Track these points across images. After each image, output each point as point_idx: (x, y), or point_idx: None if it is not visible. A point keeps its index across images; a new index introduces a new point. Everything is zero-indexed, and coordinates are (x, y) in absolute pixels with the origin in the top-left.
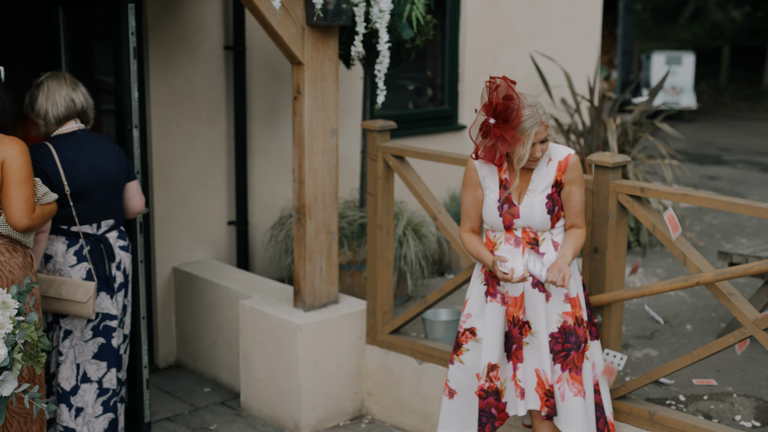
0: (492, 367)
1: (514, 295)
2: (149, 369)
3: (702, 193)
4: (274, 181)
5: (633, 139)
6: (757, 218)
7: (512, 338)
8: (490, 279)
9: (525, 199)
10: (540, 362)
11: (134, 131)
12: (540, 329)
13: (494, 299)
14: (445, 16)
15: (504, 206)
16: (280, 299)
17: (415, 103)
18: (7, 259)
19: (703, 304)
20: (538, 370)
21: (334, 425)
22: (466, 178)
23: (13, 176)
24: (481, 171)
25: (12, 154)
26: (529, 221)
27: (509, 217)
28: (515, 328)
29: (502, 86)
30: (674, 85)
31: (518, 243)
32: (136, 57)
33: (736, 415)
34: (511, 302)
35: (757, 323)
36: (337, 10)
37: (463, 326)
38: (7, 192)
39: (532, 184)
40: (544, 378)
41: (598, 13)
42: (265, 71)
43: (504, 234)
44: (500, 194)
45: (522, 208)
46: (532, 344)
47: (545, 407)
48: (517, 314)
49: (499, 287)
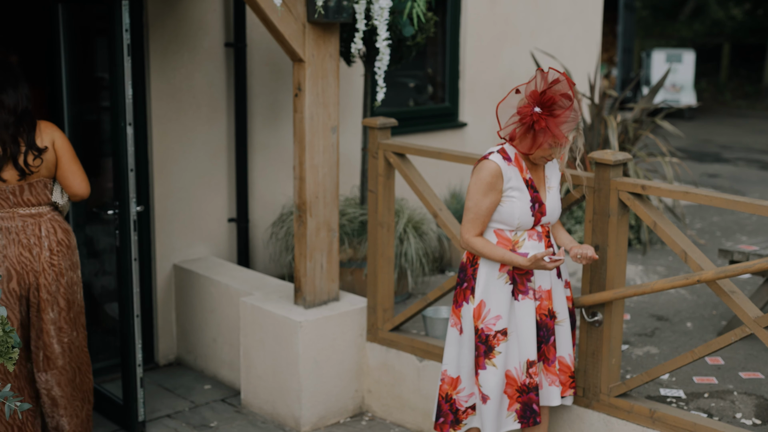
0: (531, 364)
1: (546, 288)
2: (150, 366)
3: (703, 190)
4: (274, 178)
5: (633, 136)
6: (758, 216)
7: (548, 331)
8: (518, 277)
9: (548, 195)
10: (564, 349)
11: (128, 128)
12: (564, 317)
13: (526, 296)
14: (446, 13)
15: (535, 205)
16: (281, 296)
17: (416, 100)
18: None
19: (704, 301)
20: (561, 357)
21: (334, 422)
22: (487, 184)
23: (68, 153)
24: (507, 174)
25: (58, 134)
26: (552, 217)
27: (539, 216)
28: (551, 320)
29: (564, 83)
30: (674, 83)
31: (540, 237)
32: (130, 54)
33: (737, 413)
34: (545, 296)
35: (758, 321)
36: (338, 7)
37: (493, 329)
38: (68, 167)
39: (549, 181)
40: (570, 362)
41: (598, 10)
42: (265, 68)
43: (526, 231)
44: (531, 195)
45: (548, 205)
46: (559, 333)
47: (569, 389)
48: (551, 306)
49: (530, 283)
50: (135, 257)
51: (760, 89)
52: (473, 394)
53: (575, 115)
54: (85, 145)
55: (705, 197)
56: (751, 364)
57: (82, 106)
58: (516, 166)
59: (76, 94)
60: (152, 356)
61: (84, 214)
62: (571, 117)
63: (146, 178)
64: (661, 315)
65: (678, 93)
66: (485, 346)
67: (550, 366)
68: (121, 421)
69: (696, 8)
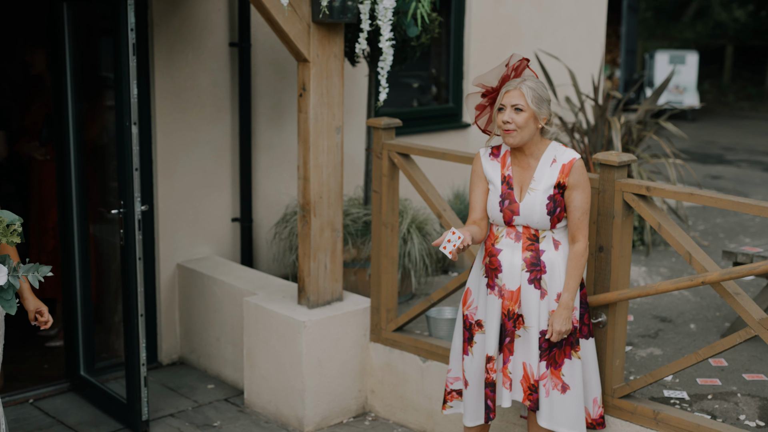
0: (488, 359)
1: (511, 288)
2: (153, 365)
3: (707, 192)
4: (278, 178)
5: (637, 138)
6: (761, 218)
7: (506, 331)
8: (489, 271)
9: (526, 197)
10: (528, 356)
11: (133, 128)
12: (532, 324)
13: (492, 292)
14: (450, 14)
15: (505, 202)
16: (285, 296)
17: (420, 101)
18: None
19: (707, 303)
20: (525, 364)
21: (337, 422)
22: (473, 172)
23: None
24: (485, 166)
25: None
26: (528, 220)
27: (509, 214)
28: (509, 321)
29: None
30: (677, 84)
31: (518, 238)
32: (135, 53)
33: (740, 415)
34: (507, 296)
35: (763, 323)
36: (342, 7)
37: (474, 317)
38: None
39: (534, 183)
40: (530, 372)
41: (602, 11)
42: (270, 68)
43: (505, 228)
44: (502, 190)
45: (522, 206)
46: (523, 338)
47: (528, 400)
48: (513, 307)
49: (497, 280)
50: (139, 256)
51: (763, 91)
52: (459, 379)
53: (515, 78)
54: (89, 144)
55: (710, 199)
56: (754, 365)
57: (87, 104)
58: (500, 162)
59: (81, 93)
60: (156, 355)
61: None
62: (511, 78)
63: (150, 177)
64: (664, 316)
65: (681, 94)
66: (469, 332)
67: (503, 366)
68: (124, 420)
69: (699, 10)
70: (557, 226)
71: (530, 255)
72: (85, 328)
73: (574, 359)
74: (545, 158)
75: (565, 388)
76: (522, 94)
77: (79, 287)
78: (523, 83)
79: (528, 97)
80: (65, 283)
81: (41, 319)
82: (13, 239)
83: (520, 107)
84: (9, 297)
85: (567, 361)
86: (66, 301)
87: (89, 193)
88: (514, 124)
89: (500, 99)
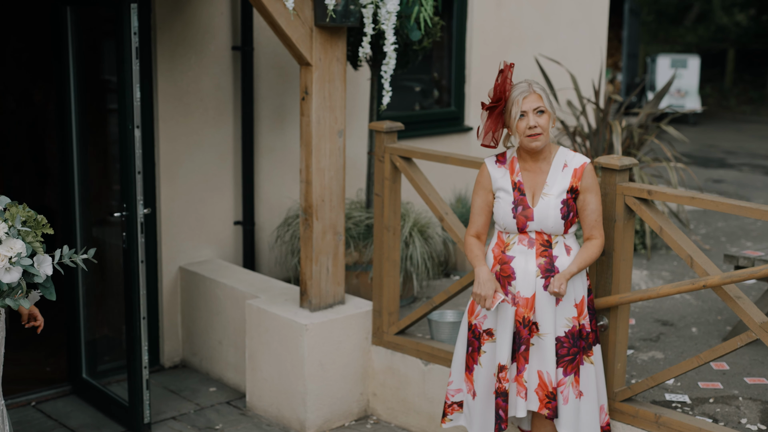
0: (501, 368)
1: (526, 296)
2: (155, 368)
3: (709, 196)
4: (280, 182)
5: (638, 141)
6: (762, 221)
7: (520, 339)
8: (502, 279)
9: (540, 202)
10: (544, 364)
11: (136, 131)
12: (548, 331)
13: (505, 300)
14: (452, 17)
15: (518, 208)
16: (287, 299)
17: (422, 104)
18: None
19: (709, 306)
20: (540, 372)
21: (339, 425)
22: (478, 183)
23: None
24: (494, 175)
25: None
26: (542, 225)
27: (523, 220)
28: (525, 328)
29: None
30: (679, 88)
31: (532, 244)
32: (138, 57)
33: (742, 418)
34: (522, 303)
35: (764, 326)
36: (345, 11)
37: (483, 327)
38: None
39: (547, 188)
40: (548, 380)
41: (604, 15)
42: (272, 72)
43: (518, 235)
44: (515, 197)
45: (536, 211)
46: (538, 345)
47: (545, 408)
48: (528, 315)
49: (510, 287)
50: (142, 259)
51: (764, 95)
52: (461, 391)
53: (522, 82)
54: (92, 147)
55: (711, 202)
56: (756, 369)
57: (90, 108)
58: (508, 168)
59: (84, 96)
60: (158, 358)
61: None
62: (516, 84)
63: (152, 180)
64: (666, 320)
65: (683, 98)
66: (478, 342)
67: (517, 375)
68: (126, 423)
69: (701, 14)
70: (569, 231)
71: (544, 261)
72: (87, 331)
73: (587, 364)
74: (556, 162)
75: (581, 394)
76: (539, 97)
77: (81, 290)
78: (534, 85)
79: (544, 98)
80: (68, 285)
81: (34, 324)
82: (46, 230)
83: (542, 109)
84: (49, 285)
85: (581, 367)
86: (68, 303)
87: (91, 197)
88: (539, 127)
89: (517, 106)
